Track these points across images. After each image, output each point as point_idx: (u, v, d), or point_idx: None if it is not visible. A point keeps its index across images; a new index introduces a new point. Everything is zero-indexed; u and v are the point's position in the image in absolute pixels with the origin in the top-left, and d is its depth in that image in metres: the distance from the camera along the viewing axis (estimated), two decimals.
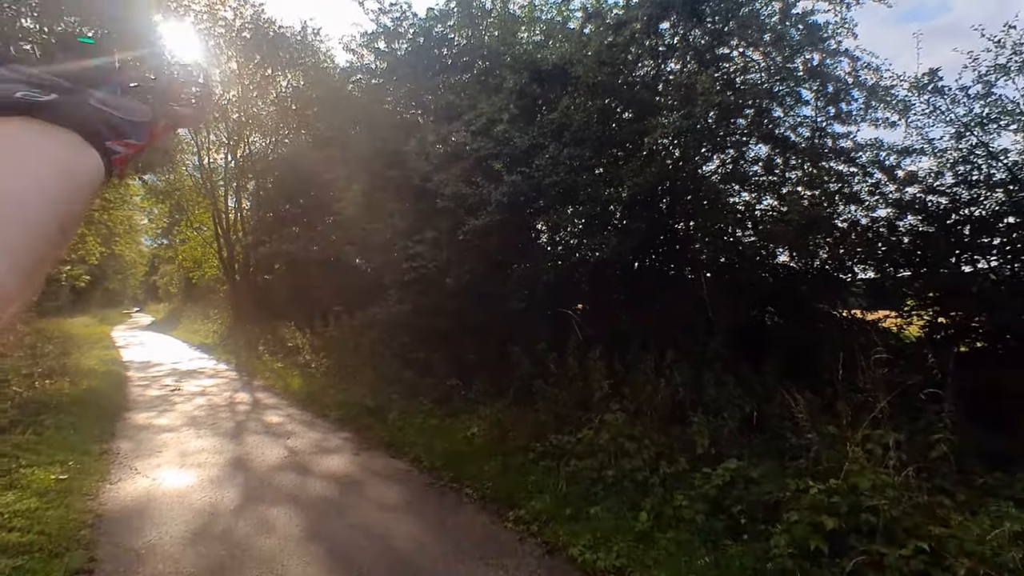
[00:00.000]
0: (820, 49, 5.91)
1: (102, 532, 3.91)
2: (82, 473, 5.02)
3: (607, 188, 6.22)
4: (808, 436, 3.63)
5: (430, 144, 8.13)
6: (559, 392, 5.86)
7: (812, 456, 3.56)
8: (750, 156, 6.67)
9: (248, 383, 10.96)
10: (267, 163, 16.81)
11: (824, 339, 5.06)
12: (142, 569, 3.43)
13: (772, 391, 4.68)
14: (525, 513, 4.19)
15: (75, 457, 5.40)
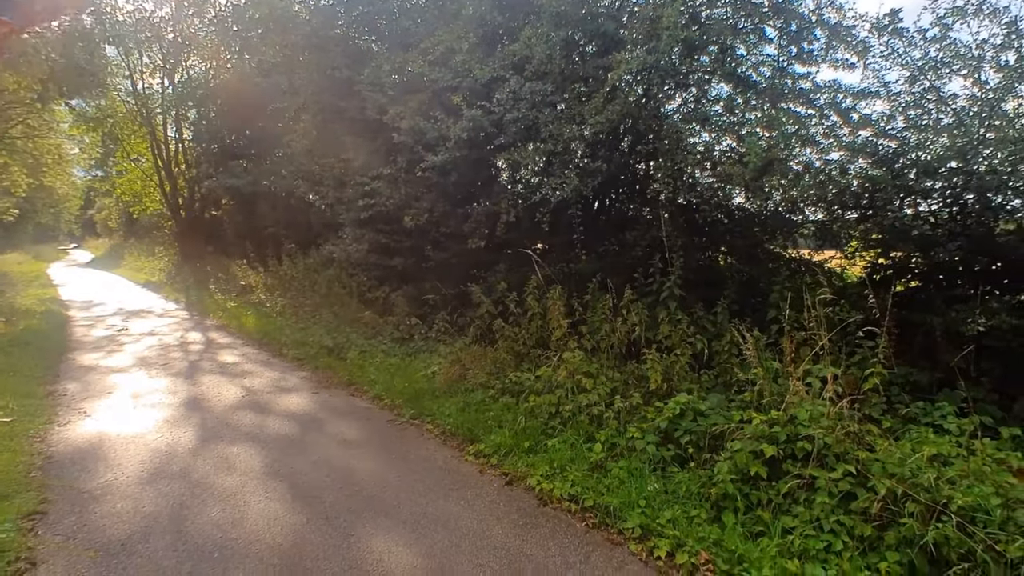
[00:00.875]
0: None
1: (53, 474, 3.84)
2: (27, 416, 4.87)
3: (569, 125, 6.09)
4: (754, 371, 3.83)
5: (385, 74, 7.71)
6: (519, 331, 5.95)
7: (756, 390, 3.77)
8: (712, 95, 6.61)
9: (200, 322, 10.68)
10: (208, 90, 15.65)
11: (773, 279, 5.25)
12: (99, 508, 3.40)
13: (723, 329, 4.88)
14: (485, 447, 4.33)
15: (17, 400, 5.21)
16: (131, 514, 3.36)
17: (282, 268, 11.70)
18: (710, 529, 3.03)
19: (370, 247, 8.68)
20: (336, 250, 9.31)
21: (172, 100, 16.82)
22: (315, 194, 11.21)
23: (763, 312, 5.00)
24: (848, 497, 2.87)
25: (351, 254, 8.97)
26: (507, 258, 7.40)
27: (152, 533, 3.14)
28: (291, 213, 13.11)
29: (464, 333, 6.95)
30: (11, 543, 2.94)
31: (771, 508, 3.05)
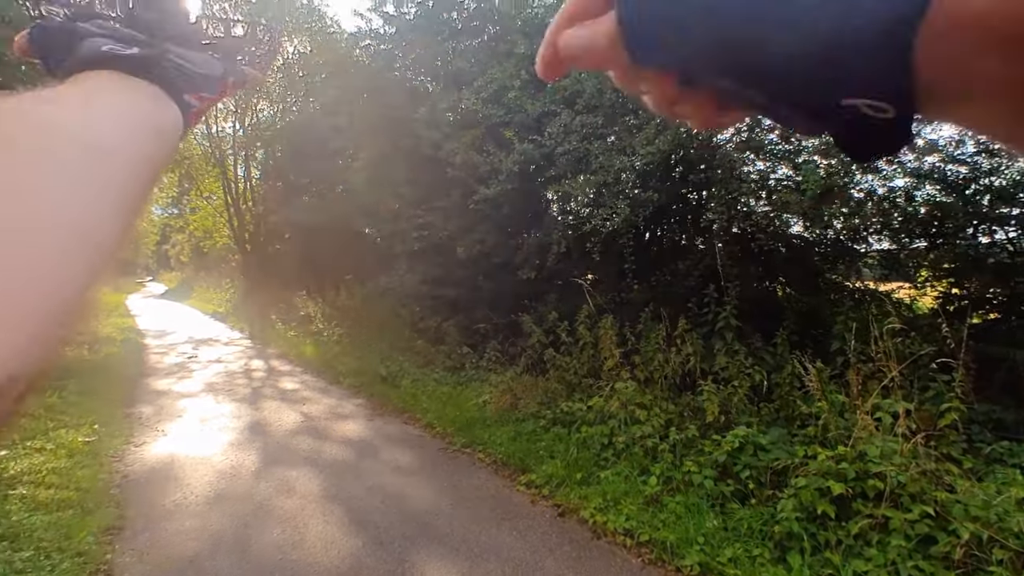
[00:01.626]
0: None
1: (130, 491, 4.07)
2: (108, 435, 5.19)
3: (619, 156, 6.15)
4: (818, 404, 3.67)
5: (440, 112, 8.04)
6: (570, 361, 5.93)
7: (821, 424, 3.61)
8: (766, 124, 6.55)
9: (262, 351, 11.16)
10: (275, 131, 16.70)
11: (836, 310, 5.06)
12: (170, 525, 3.58)
13: (783, 361, 4.71)
14: (536, 477, 4.31)
15: (100, 420, 5.57)
16: (199, 532, 3.52)
17: (339, 299, 12.13)
18: (775, 570, 2.89)
19: (423, 278, 8.91)
20: (391, 281, 9.60)
21: (242, 141, 18.01)
22: (371, 227, 11.65)
23: (826, 344, 4.81)
24: (926, 541, 2.69)
25: (405, 285, 9.23)
26: (558, 288, 7.44)
27: (218, 551, 3.27)
28: (348, 246, 13.64)
29: (515, 362, 6.98)
30: (92, 555, 3.14)
31: (841, 550, 2.89)
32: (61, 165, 0.30)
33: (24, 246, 0.26)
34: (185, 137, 0.46)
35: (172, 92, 0.42)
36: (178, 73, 0.43)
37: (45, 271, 0.27)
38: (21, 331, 0.25)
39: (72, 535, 3.27)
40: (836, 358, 4.45)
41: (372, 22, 10.09)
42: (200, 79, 0.45)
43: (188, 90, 0.44)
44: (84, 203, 0.31)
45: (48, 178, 0.29)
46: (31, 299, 0.26)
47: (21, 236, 0.26)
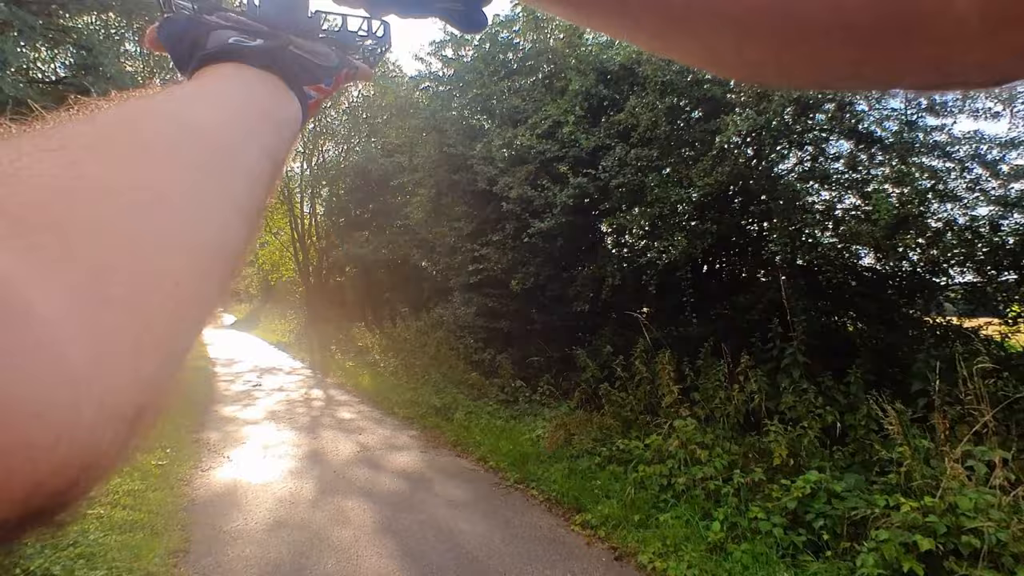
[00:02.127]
0: None
1: (196, 515, 4.21)
2: (177, 460, 5.43)
3: (676, 188, 6.08)
4: (899, 450, 3.39)
5: (495, 148, 8.23)
6: (626, 396, 5.77)
7: (903, 471, 3.32)
8: (831, 153, 6.33)
9: (322, 380, 11.48)
10: (339, 170, 17.58)
11: (916, 347, 4.72)
12: (231, 551, 3.67)
13: (857, 401, 4.41)
14: (592, 517, 4.16)
15: (171, 445, 5.84)
16: (258, 559, 3.58)
17: (395, 330, 12.40)
18: None
19: (478, 310, 9.00)
20: (446, 313, 9.75)
21: (309, 180, 19.04)
22: (428, 261, 11.93)
23: (905, 384, 4.48)
24: None
25: (459, 317, 9.34)
26: (612, 321, 7.32)
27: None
28: (405, 279, 14.01)
29: (569, 397, 6.87)
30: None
31: None
32: (194, 169, 0.29)
33: (158, 264, 0.24)
34: (304, 127, 0.47)
35: (293, 83, 0.44)
36: (298, 64, 0.45)
37: (181, 291, 0.25)
38: (151, 359, 0.23)
39: (141, 556, 3.40)
40: (917, 400, 4.13)
41: (432, 65, 10.54)
42: (319, 70, 0.47)
43: (307, 81, 0.45)
44: (217, 211, 0.30)
45: (182, 185, 0.28)
46: (164, 323, 0.24)
47: (156, 254, 0.25)
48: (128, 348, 0.22)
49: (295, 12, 0.47)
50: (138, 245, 0.24)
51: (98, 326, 0.20)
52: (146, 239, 0.24)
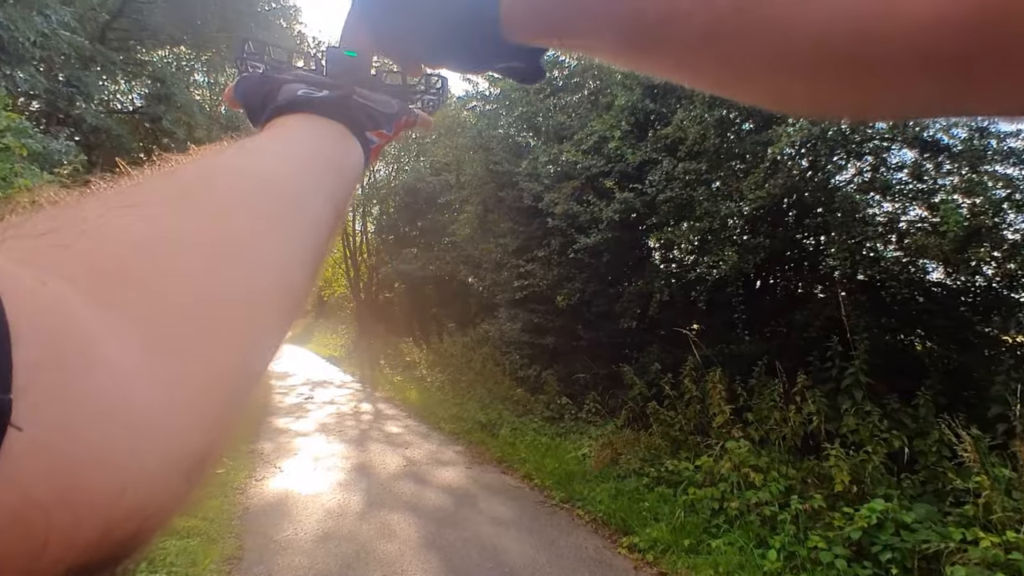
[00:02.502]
0: None
1: (249, 523, 4.34)
2: (234, 469, 5.62)
3: (726, 202, 5.92)
4: (976, 479, 3.14)
5: (541, 164, 8.27)
6: (675, 416, 5.61)
7: (982, 503, 3.07)
8: (893, 162, 6.03)
9: (371, 394, 11.70)
10: (390, 189, 18.08)
11: (993, 368, 4.38)
12: (281, 560, 3.75)
13: (927, 425, 4.12)
14: (640, 541, 4.03)
15: (228, 454, 6.04)
16: (306, 570, 3.64)
17: (442, 346, 12.54)
18: None
19: (523, 326, 8.99)
20: (491, 329, 9.79)
21: (360, 199, 19.66)
22: (474, 277, 12.05)
23: (981, 407, 4.16)
24: None
25: (505, 333, 9.35)
26: (660, 338, 7.16)
27: None
28: (452, 295, 14.17)
29: (615, 415, 6.73)
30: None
31: None
32: (264, 221, 0.31)
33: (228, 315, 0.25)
34: (366, 172, 0.51)
35: (356, 130, 0.46)
36: (362, 112, 0.48)
37: (248, 339, 0.26)
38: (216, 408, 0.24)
39: (198, 562, 3.52)
40: (996, 425, 3.83)
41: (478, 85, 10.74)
42: (381, 117, 0.50)
43: (370, 127, 0.48)
44: (284, 261, 0.31)
45: (254, 237, 0.29)
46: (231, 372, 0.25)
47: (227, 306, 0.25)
48: (194, 399, 0.22)
49: (358, 71, 0.50)
50: (211, 298, 0.24)
51: (168, 378, 0.21)
52: (219, 292, 0.25)
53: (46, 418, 0.16)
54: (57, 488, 0.16)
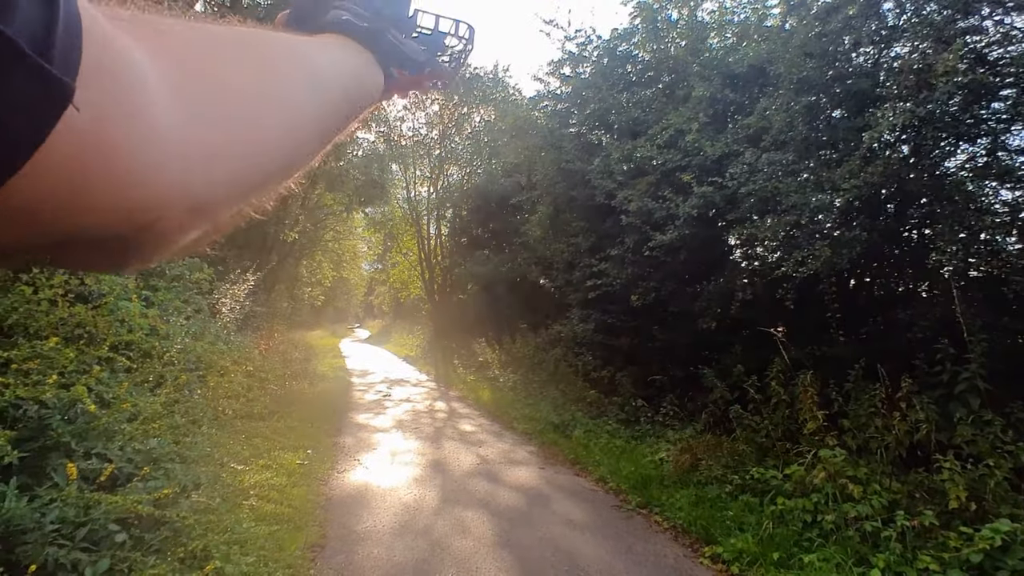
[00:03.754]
0: None
1: (331, 513, 4.51)
2: (317, 460, 5.88)
3: (815, 194, 5.53)
4: None
5: (614, 162, 8.10)
6: (760, 420, 5.30)
7: None
8: (1013, 145, 5.40)
9: (445, 393, 11.93)
10: (462, 192, 18.42)
11: None
12: (361, 550, 3.86)
13: None
14: (724, 551, 3.82)
15: (312, 446, 6.35)
16: (384, 561, 3.73)
17: (514, 346, 12.58)
18: None
19: (596, 327, 8.84)
20: (564, 330, 9.69)
21: (434, 203, 20.17)
22: (546, 277, 12.01)
23: None
24: None
25: (577, 334, 9.23)
26: (743, 339, 6.80)
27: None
28: (524, 296, 14.20)
29: (695, 419, 6.46)
30: (299, 568, 3.49)
31: None
32: (300, 70, 0.41)
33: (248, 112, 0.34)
34: (383, 100, 0.58)
35: (382, 62, 0.54)
36: (391, 48, 0.55)
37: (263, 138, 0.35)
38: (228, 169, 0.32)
39: (284, 547, 3.69)
40: None
41: (550, 84, 10.72)
42: (406, 59, 0.57)
43: (394, 64, 0.56)
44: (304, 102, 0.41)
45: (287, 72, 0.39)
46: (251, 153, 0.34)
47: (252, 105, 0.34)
48: (204, 154, 0.30)
49: (398, 9, 0.58)
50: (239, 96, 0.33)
51: (188, 128, 0.28)
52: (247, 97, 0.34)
53: (95, 110, 0.23)
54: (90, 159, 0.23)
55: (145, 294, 4.92)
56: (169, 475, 2.89)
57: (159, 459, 2.93)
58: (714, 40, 8.76)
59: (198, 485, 3.08)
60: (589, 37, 9.48)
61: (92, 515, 2.29)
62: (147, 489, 2.60)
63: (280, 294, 18.70)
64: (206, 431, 4.45)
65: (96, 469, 2.48)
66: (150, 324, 3.90)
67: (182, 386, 4.13)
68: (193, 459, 3.49)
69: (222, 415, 5.21)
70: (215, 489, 3.54)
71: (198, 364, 5.04)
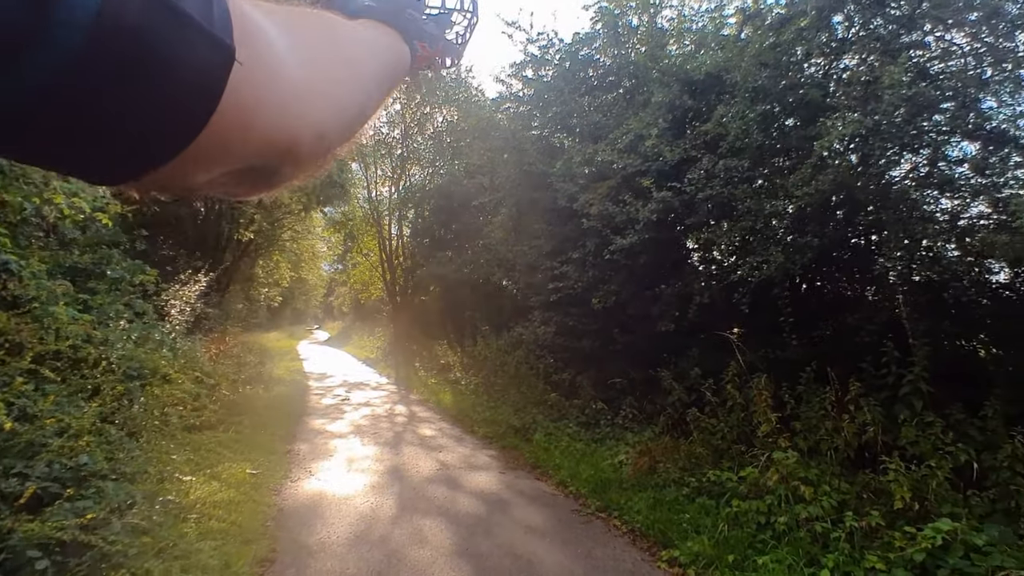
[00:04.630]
0: None
1: (282, 525, 4.34)
2: (269, 470, 5.66)
3: (770, 200, 5.66)
4: None
5: (576, 165, 8.12)
6: (716, 423, 5.38)
7: None
8: (952, 156, 5.65)
9: (405, 396, 11.74)
10: (425, 193, 18.19)
11: None
12: (313, 564, 3.72)
13: (996, 438, 3.80)
14: (681, 555, 3.85)
15: (264, 455, 6.12)
16: (337, 575, 3.60)
17: (476, 349, 12.49)
18: None
19: (557, 329, 8.84)
20: (525, 332, 9.67)
21: (396, 203, 19.86)
22: (508, 280, 11.97)
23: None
24: None
25: (539, 336, 9.22)
26: (700, 342, 6.90)
27: None
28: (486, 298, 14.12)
29: (653, 421, 6.52)
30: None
31: None
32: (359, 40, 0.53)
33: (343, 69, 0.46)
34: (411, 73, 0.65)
35: (406, 37, 0.61)
36: (411, 25, 0.62)
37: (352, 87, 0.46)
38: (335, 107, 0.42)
39: (231, 564, 3.51)
40: None
41: (512, 86, 10.67)
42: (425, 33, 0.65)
43: (416, 38, 0.63)
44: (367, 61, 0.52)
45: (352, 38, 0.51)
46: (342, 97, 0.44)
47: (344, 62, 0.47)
48: (319, 94, 0.39)
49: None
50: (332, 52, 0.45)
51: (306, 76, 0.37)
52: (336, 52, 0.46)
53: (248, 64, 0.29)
54: (251, 102, 0.31)
55: (82, 298, 4.64)
56: (101, 494, 2.69)
57: (90, 477, 2.74)
58: (673, 47, 8.90)
59: (133, 504, 2.88)
60: (551, 40, 9.49)
61: (9, 541, 2.11)
62: (74, 510, 2.42)
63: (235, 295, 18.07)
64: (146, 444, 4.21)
65: (15, 491, 2.29)
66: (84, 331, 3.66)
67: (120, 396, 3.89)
68: (130, 475, 3.28)
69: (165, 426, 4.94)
70: (154, 506, 3.33)
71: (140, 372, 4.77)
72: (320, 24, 0.46)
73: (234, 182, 0.37)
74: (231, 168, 0.33)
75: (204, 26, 0.26)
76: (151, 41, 0.25)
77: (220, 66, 0.27)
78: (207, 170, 0.32)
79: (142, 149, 0.28)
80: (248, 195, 0.43)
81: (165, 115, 0.27)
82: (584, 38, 9.24)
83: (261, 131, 0.32)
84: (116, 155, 0.28)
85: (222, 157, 0.31)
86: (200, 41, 0.26)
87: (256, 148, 0.33)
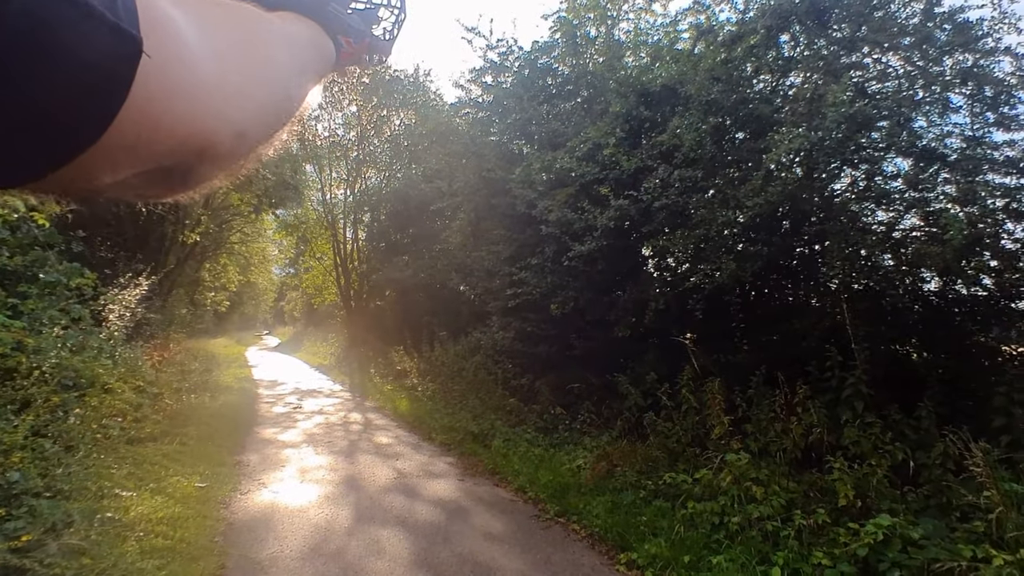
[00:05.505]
0: (973, 49, 5.24)
1: (231, 541, 4.16)
2: (217, 482, 5.43)
3: (721, 210, 5.86)
4: (986, 495, 3.06)
5: (535, 172, 8.19)
6: (672, 426, 5.51)
7: (993, 519, 2.98)
8: (888, 171, 6.01)
9: (360, 403, 11.50)
10: (381, 196, 17.94)
11: (994, 379, 4.33)
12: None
13: (930, 437, 4.05)
14: (638, 557, 3.91)
15: (211, 467, 5.86)
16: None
17: (433, 354, 12.36)
18: None
19: (516, 335, 8.87)
20: (483, 338, 9.65)
21: (351, 207, 19.49)
22: (466, 285, 11.93)
23: (981, 419, 4.09)
24: None
25: (497, 342, 9.23)
26: (656, 347, 7.07)
27: None
28: (444, 303, 14.03)
29: (611, 426, 6.62)
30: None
31: None
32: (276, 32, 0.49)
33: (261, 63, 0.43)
34: (336, 69, 0.64)
35: (329, 31, 0.60)
36: (333, 19, 0.60)
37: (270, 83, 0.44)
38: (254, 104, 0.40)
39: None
40: (1000, 437, 3.76)
41: (471, 92, 10.68)
42: (348, 27, 0.62)
43: (340, 32, 0.61)
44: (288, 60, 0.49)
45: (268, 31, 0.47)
46: (260, 93, 0.42)
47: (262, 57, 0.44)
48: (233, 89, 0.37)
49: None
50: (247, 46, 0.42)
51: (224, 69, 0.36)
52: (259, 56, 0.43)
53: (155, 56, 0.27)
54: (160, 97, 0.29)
55: (12, 302, 4.33)
56: (34, 513, 2.52)
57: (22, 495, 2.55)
58: (630, 59, 9.12)
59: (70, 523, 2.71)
60: (511, 47, 9.55)
61: None
62: (5, 532, 2.25)
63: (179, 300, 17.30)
64: (84, 458, 3.96)
65: None
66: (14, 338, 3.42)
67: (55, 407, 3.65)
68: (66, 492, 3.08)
69: (105, 439, 4.67)
70: (93, 525, 3.14)
71: (76, 381, 4.49)
72: (235, 15, 0.43)
73: (145, 183, 0.34)
74: (141, 168, 0.31)
75: (107, 15, 0.24)
76: (46, 31, 0.23)
77: (126, 58, 0.26)
78: (114, 170, 0.29)
79: (43, 148, 0.26)
80: (162, 197, 0.41)
81: (67, 111, 0.25)
82: (543, 47, 9.36)
83: (173, 128, 0.30)
84: (15, 154, 0.25)
85: (131, 156, 0.29)
86: (103, 31, 0.24)
87: (168, 146, 0.31)
